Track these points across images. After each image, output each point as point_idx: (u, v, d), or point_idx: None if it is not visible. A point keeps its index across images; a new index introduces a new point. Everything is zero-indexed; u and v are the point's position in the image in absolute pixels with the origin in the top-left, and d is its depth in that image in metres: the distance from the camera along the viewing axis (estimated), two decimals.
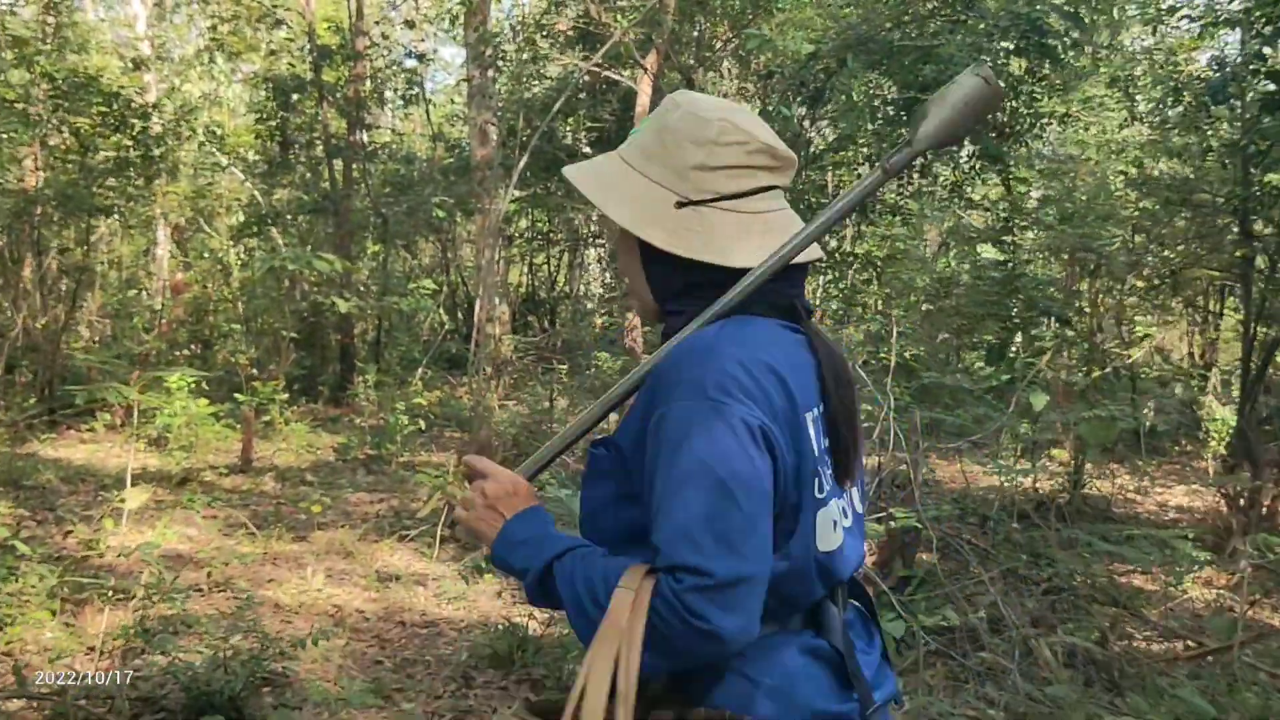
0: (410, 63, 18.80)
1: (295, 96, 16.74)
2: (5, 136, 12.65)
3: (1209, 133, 8.21)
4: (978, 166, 9.40)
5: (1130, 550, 6.57)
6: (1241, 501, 8.07)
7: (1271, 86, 7.84)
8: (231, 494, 9.53)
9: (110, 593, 5.86)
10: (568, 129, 17.73)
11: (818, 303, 13.78)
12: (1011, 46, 8.18)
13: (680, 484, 1.54)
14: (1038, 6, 7.83)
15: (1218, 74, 8.13)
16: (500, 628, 5.91)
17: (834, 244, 11.74)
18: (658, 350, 1.73)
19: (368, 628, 6.30)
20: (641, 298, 1.85)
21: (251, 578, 7.04)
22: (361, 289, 16.28)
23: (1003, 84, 9.68)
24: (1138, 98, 9.57)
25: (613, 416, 2.96)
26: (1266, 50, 7.92)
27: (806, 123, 9.61)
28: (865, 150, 9.80)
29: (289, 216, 17.26)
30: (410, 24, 18.09)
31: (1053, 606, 6.26)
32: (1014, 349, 8.88)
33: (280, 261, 11.34)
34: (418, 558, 7.81)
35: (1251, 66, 7.78)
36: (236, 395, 11.42)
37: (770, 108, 9.44)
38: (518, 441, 10.72)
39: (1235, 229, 8.66)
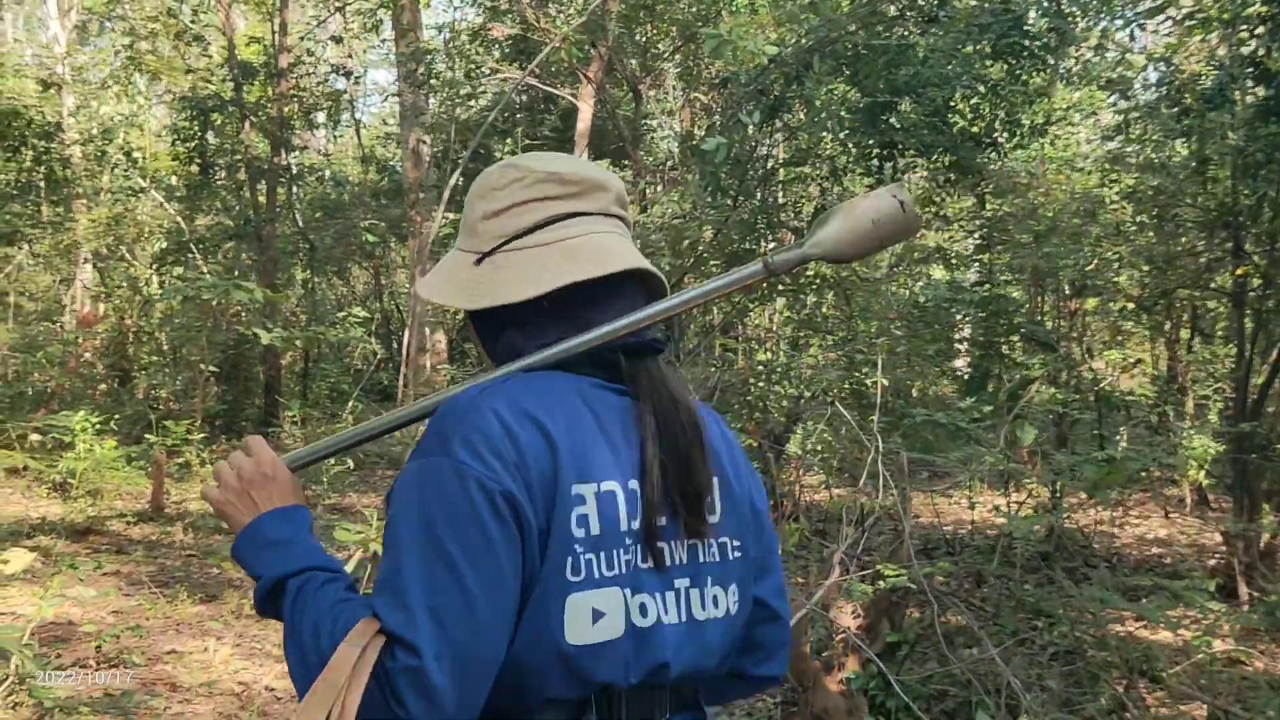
0: (338, 81, 18.01)
1: (215, 116, 15.86)
2: None
3: (1208, 141, 7.59)
4: (951, 178, 8.74)
5: (1142, 606, 5.90)
6: (1242, 542, 7.44)
7: (1267, 91, 7.24)
8: (138, 545, 8.68)
9: None
10: (504, 148, 16.99)
11: (773, 329, 13.05)
12: (989, 48, 7.53)
13: (404, 548, 1.40)
14: (1015, 3, 7.22)
15: (1215, 75, 7.51)
16: None
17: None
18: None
19: (278, 711, 5.49)
20: (492, 362, 1.70)
21: (148, 650, 6.20)
22: (290, 318, 15.45)
23: (981, 90, 9.11)
24: (1133, 101, 8.96)
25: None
26: (1260, 52, 7.31)
27: (762, 136, 8.88)
28: (827, 165, 9.10)
29: (210, 243, 16.39)
30: (337, 39, 17.32)
31: (1059, 671, 5.57)
32: (995, 378, 8.27)
33: (197, 290, 10.57)
34: None
35: (1247, 70, 7.18)
36: (149, 435, 10.56)
37: (724, 119, 8.81)
38: None
39: (1227, 246, 8.05)
